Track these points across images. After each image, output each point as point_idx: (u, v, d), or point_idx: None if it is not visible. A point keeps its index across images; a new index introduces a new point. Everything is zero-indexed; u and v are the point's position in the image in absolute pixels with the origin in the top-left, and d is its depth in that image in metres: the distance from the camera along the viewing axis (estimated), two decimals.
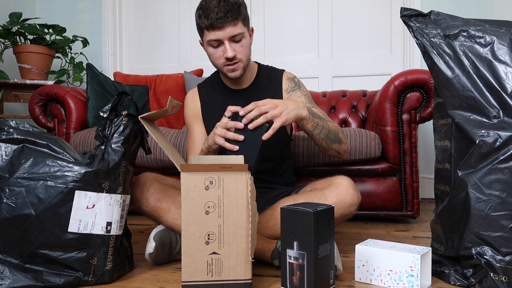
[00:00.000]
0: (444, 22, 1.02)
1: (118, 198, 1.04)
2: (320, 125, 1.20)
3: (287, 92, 1.37)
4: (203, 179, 0.95)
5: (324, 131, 1.22)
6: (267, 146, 1.24)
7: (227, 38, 1.22)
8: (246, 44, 1.27)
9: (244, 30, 1.25)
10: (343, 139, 1.28)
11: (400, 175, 1.79)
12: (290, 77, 1.40)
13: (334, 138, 1.25)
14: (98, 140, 1.05)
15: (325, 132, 1.22)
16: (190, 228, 0.95)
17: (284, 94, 1.37)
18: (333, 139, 1.25)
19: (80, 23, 3.00)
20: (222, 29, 1.20)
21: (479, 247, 0.95)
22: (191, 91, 1.46)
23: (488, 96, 0.94)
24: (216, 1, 1.20)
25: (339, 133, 1.27)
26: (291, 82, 1.38)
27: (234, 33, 1.22)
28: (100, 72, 2.29)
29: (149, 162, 1.87)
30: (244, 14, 1.26)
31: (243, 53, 1.26)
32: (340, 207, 1.13)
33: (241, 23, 1.23)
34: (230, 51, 1.23)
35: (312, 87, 2.67)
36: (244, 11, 1.25)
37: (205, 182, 0.95)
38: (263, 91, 1.38)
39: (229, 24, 1.20)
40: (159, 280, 1.08)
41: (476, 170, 0.95)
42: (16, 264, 0.97)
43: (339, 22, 2.67)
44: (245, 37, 1.26)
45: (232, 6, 1.20)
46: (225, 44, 1.23)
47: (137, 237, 1.55)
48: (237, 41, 1.24)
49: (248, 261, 0.96)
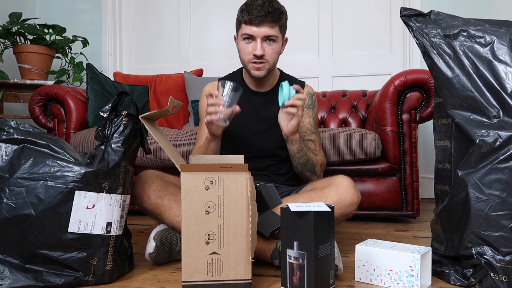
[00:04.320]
0: (444, 22, 1.02)
1: (118, 198, 1.04)
2: (304, 152, 1.29)
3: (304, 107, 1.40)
4: (203, 179, 0.95)
5: (304, 158, 1.30)
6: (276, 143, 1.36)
7: (261, 36, 1.27)
8: (277, 49, 1.32)
9: (279, 35, 1.30)
10: (318, 172, 1.36)
11: (400, 175, 1.79)
12: (309, 93, 1.45)
13: (310, 168, 1.32)
14: (98, 140, 1.05)
15: (305, 159, 1.30)
16: (190, 228, 0.95)
17: None
18: (309, 168, 1.32)
19: (80, 23, 3.00)
20: (259, 26, 1.26)
21: (479, 247, 0.95)
22: (210, 84, 1.48)
23: (488, 96, 0.94)
24: (262, 1, 1.26)
25: (316, 166, 1.33)
26: (309, 98, 1.44)
27: (269, 34, 1.27)
28: (100, 72, 2.29)
29: (149, 162, 1.87)
30: (284, 22, 1.32)
31: (271, 56, 1.31)
32: (340, 207, 1.14)
33: (278, 28, 1.29)
34: (260, 49, 1.28)
35: (312, 87, 2.66)
36: (284, 19, 1.32)
37: (205, 182, 0.95)
38: None
39: (267, 24, 1.26)
40: (159, 280, 1.08)
41: (476, 170, 0.95)
42: (16, 264, 0.97)
43: (339, 22, 2.67)
44: (278, 42, 1.31)
45: (275, 10, 1.27)
46: (257, 42, 1.28)
47: (137, 237, 1.55)
48: (269, 43, 1.29)
49: (248, 261, 0.96)
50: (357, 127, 2.19)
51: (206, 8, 2.87)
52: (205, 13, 2.87)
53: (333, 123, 2.24)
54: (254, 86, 1.41)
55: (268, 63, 1.31)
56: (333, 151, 1.75)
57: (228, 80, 1.17)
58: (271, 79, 1.41)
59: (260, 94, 1.41)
